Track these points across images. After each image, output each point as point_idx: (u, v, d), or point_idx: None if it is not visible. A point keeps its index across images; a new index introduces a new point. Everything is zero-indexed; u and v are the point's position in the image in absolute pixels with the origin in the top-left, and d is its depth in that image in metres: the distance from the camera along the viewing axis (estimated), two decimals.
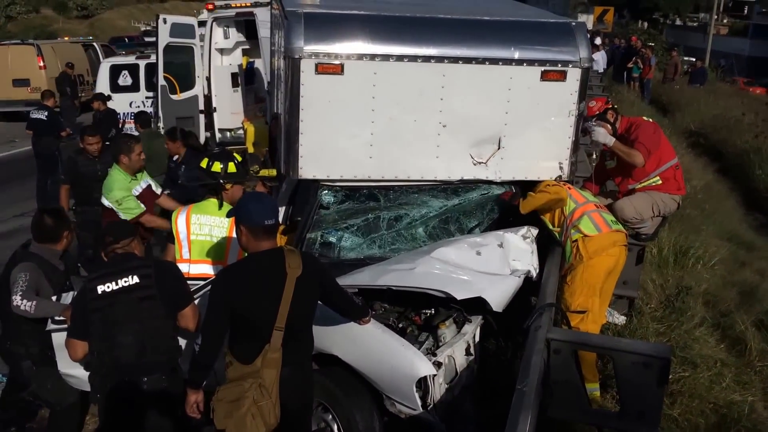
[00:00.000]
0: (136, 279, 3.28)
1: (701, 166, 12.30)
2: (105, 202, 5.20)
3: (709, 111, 16.81)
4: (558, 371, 3.39)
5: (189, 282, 3.62)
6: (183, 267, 3.91)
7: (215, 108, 10.57)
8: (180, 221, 4.02)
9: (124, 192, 5.12)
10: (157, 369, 3.33)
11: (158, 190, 5.52)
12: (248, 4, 10.03)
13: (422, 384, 3.47)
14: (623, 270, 4.59)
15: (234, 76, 10.79)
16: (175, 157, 6.86)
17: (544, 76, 4.29)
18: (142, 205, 5.18)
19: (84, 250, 6.15)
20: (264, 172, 4.81)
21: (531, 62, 4.26)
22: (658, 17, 43.33)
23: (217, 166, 4.04)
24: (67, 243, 4.01)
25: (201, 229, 4.00)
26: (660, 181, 4.94)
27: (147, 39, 25.44)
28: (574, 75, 4.32)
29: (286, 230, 4.54)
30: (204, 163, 4.09)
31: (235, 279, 3.00)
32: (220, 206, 4.00)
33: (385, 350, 3.54)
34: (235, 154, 4.32)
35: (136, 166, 5.24)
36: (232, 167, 4.07)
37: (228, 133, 10.68)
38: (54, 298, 3.80)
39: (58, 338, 3.57)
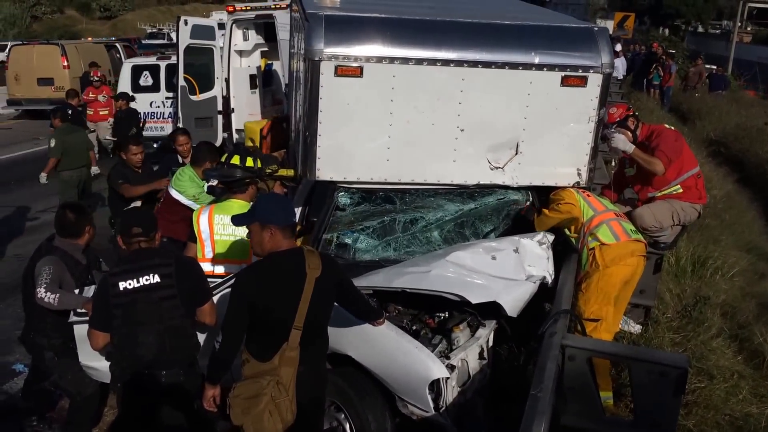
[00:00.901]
0: (157, 278, 3.31)
1: (721, 176, 12.13)
2: (176, 195, 5.33)
3: (730, 120, 16.60)
4: (572, 378, 3.38)
5: (209, 279, 3.67)
6: (206, 266, 3.96)
7: (233, 109, 10.63)
8: (203, 221, 4.05)
9: (198, 189, 5.37)
10: (176, 364, 3.39)
11: None
12: (268, 7, 10.10)
13: (435, 386, 3.48)
14: (640, 279, 4.55)
15: (252, 77, 10.86)
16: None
17: (565, 82, 4.26)
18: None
19: None
20: (282, 172, 4.83)
21: (551, 67, 4.24)
22: (680, 24, 42.90)
23: (250, 162, 4.15)
24: (88, 238, 4.07)
25: (225, 229, 4.02)
26: (681, 190, 4.90)
27: (146, 41, 25.38)
28: (595, 81, 4.29)
29: (301, 231, 4.56)
30: (236, 160, 4.16)
31: (256, 278, 3.03)
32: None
33: (399, 352, 3.56)
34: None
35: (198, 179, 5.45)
36: (259, 163, 4.24)
37: (245, 134, 10.75)
38: (76, 291, 3.87)
39: (80, 330, 3.64)
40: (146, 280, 3.30)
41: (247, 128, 8.95)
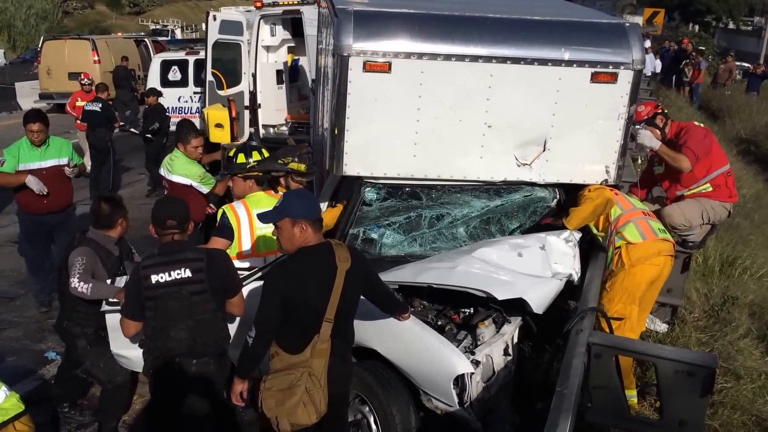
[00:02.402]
0: (188, 273, 3.35)
1: (751, 175, 11.95)
2: (181, 179, 5.52)
3: (761, 118, 16.31)
4: (598, 376, 3.36)
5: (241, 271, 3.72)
6: (257, 261, 4.00)
7: (260, 104, 10.71)
8: (243, 217, 4.06)
9: (200, 167, 5.58)
10: (206, 354, 3.46)
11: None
12: (295, 2, 10.13)
13: (459, 381, 3.48)
14: (668, 277, 4.50)
15: (279, 73, 10.92)
16: None
17: (594, 78, 4.23)
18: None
19: None
20: (293, 166, 4.75)
21: (581, 63, 4.21)
22: (710, 20, 42.12)
23: (257, 155, 4.25)
24: (121, 230, 4.15)
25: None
26: (710, 188, 4.84)
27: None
28: (625, 77, 4.24)
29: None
30: (242, 158, 4.26)
31: (289, 272, 3.04)
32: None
33: (424, 347, 3.57)
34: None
35: (191, 157, 5.58)
36: (265, 153, 4.34)
37: (272, 129, 10.81)
38: (108, 281, 3.95)
39: (112, 319, 3.71)
40: (178, 274, 3.33)
41: (211, 115, 8.73)
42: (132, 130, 11.59)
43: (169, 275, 3.32)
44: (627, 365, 4.13)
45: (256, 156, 4.30)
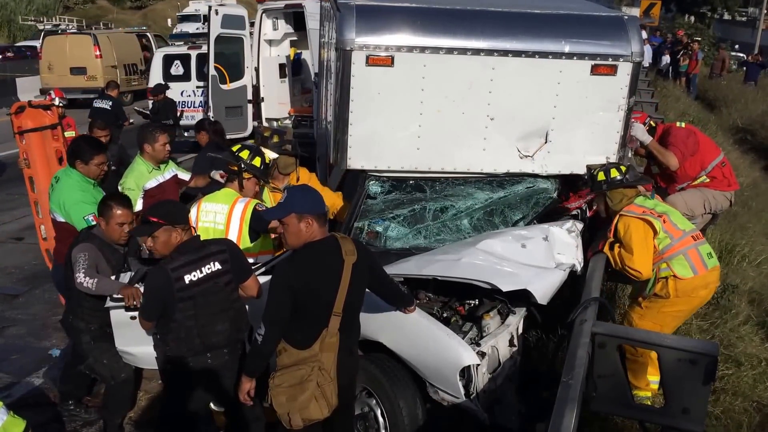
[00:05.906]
0: (218, 265, 3.38)
1: (748, 163, 11.98)
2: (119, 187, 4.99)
3: (756, 107, 16.35)
4: (602, 365, 3.39)
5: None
6: None
7: (263, 98, 10.75)
8: (194, 209, 4.21)
9: (135, 182, 4.96)
10: (228, 345, 3.51)
11: (186, 176, 5.40)
12: None
13: (465, 373, 3.50)
14: None
15: (281, 66, 10.93)
16: None
17: (594, 70, 4.28)
18: (138, 208, 4.83)
19: None
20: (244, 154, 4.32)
21: (581, 56, 4.25)
22: (706, 11, 42.08)
23: (245, 154, 4.18)
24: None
25: (206, 216, 4.16)
26: (708, 180, 4.90)
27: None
28: (625, 69, 4.29)
29: None
30: (235, 148, 4.26)
31: (298, 267, 3.04)
32: (241, 189, 4.19)
33: (430, 339, 3.59)
34: (265, 153, 4.40)
35: (159, 156, 5.07)
36: (257, 161, 4.21)
37: (275, 123, 10.84)
38: (113, 277, 3.96)
39: (116, 316, 3.72)
40: (209, 269, 3.36)
41: None
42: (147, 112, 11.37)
43: (201, 272, 3.34)
44: (641, 367, 4.13)
45: (235, 147, 4.33)
